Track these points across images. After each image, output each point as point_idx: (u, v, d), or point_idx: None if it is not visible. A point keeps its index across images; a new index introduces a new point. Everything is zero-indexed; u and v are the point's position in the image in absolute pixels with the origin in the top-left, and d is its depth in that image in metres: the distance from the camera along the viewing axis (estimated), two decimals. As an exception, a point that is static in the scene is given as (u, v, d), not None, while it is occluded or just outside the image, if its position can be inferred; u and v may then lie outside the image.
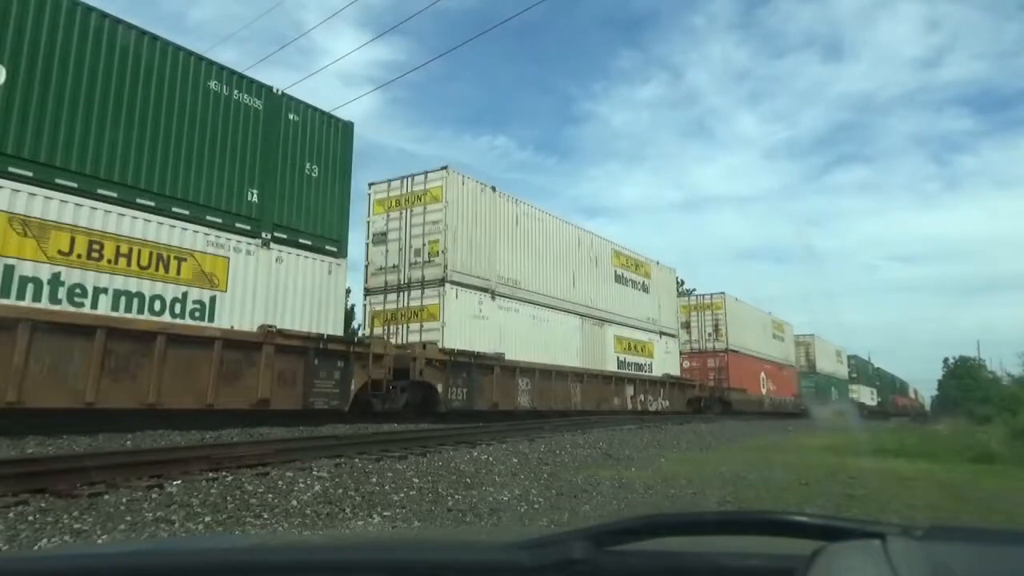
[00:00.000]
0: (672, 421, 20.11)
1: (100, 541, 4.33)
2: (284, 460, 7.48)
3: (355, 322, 19.19)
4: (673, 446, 13.37)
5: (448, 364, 14.19)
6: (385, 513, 5.74)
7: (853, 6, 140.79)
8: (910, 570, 0.73)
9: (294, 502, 5.80)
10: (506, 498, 6.63)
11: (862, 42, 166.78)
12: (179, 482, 6.07)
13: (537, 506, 6.39)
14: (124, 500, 5.35)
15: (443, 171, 15.67)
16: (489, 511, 6.01)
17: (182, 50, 10.38)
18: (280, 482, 6.43)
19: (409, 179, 16.03)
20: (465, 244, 15.68)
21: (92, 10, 9.23)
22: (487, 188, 16.76)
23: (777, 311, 37.75)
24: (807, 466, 10.13)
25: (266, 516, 5.35)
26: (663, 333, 24.70)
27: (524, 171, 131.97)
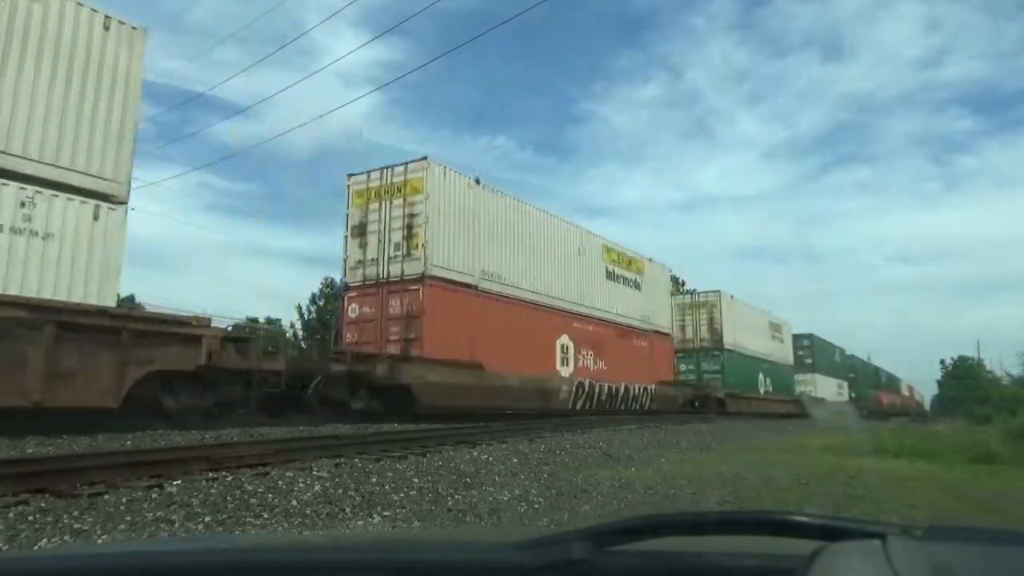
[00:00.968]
0: (672, 421, 20.08)
1: (100, 541, 4.33)
2: (284, 460, 7.48)
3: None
4: (673, 446, 13.37)
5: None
6: (385, 513, 5.73)
7: (853, 6, 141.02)
8: (910, 570, 0.73)
9: (294, 502, 5.80)
10: (506, 498, 6.62)
11: (862, 42, 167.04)
12: (179, 482, 6.06)
13: (537, 506, 6.39)
14: (124, 500, 5.34)
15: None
16: (489, 511, 6.00)
17: None
18: (280, 482, 6.43)
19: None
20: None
21: None
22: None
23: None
24: (807, 466, 10.13)
25: (266, 516, 5.35)
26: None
27: (524, 171, 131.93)
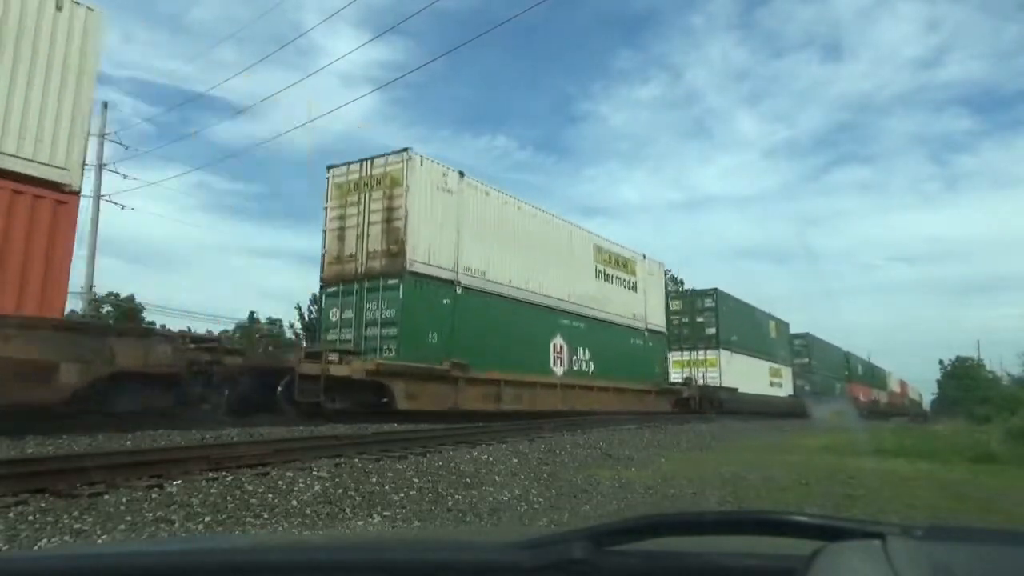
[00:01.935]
0: (672, 421, 20.05)
1: (100, 541, 4.33)
2: (284, 460, 7.47)
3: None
4: (673, 446, 13.36)
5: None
6: (385, 513, 5.74)
7: (853, 6, 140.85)
8: (910, 570, 0.73)
9: (294, 502, 5.80)
10: (506, 498, 6.62)
11: (862, 42, 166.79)
12: (179, 482, 6.06)
13: (537, 506, 6.39)
14: (124, 500, 5.34)
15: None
16: (489, 511, 6.00)
17: None
18: (280, 482, 6.43)
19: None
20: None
21: None
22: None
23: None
24: (807, 466, 10.13)
25: (266, 516, 5.35)
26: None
27: (524, 171, 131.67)
